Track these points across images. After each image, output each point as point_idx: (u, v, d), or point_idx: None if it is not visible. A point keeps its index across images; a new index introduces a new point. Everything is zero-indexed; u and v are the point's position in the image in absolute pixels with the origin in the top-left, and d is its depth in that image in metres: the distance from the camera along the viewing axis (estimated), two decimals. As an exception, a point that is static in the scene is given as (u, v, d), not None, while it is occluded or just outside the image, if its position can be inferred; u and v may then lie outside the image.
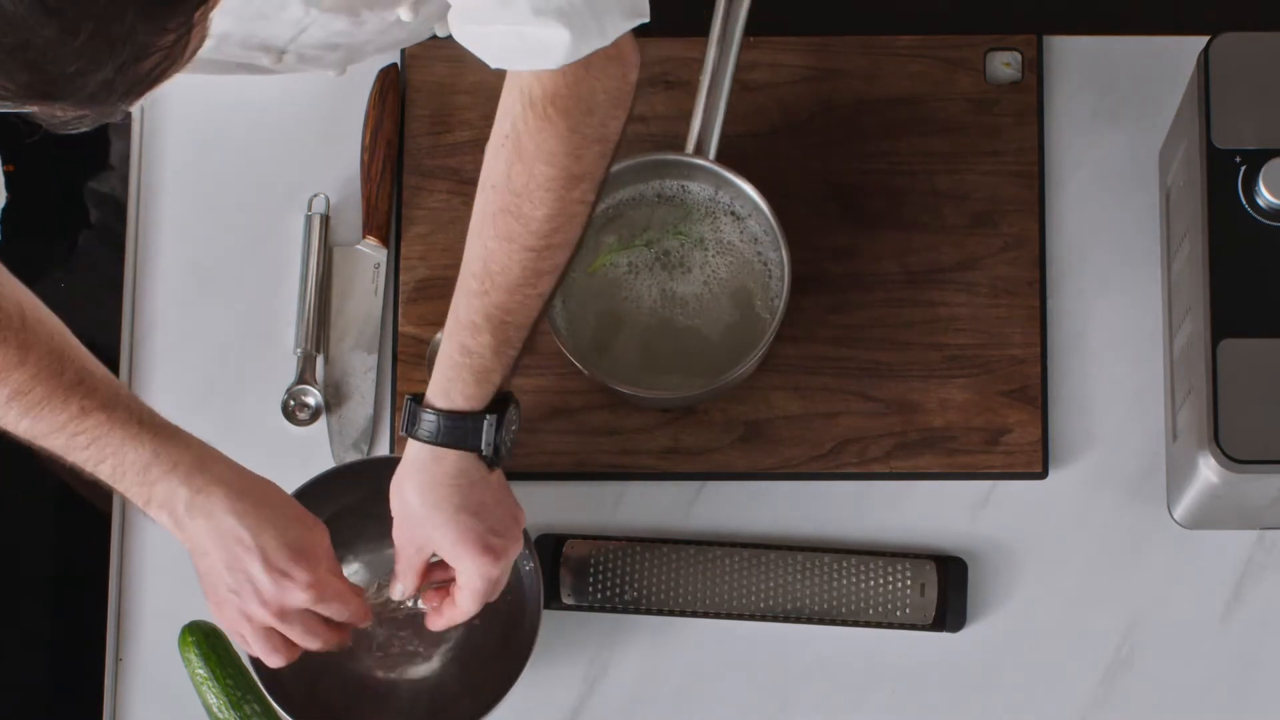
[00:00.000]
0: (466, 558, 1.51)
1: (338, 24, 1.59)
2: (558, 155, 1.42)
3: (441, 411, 1.48)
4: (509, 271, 1.45)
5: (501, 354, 1.48)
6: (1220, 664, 1.68)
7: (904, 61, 1.77)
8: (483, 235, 1.45)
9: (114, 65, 1.03)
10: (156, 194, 1.76)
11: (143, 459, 1.46)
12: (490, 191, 1.44)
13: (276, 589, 1.48)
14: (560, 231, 1.45)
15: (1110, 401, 1.72)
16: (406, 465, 1.51)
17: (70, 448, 1.46)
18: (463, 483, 1.50)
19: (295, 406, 1.72)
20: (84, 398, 1.45)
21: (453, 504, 1.50)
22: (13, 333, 1.43)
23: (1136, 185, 1.75)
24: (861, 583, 1.68)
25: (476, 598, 1.54)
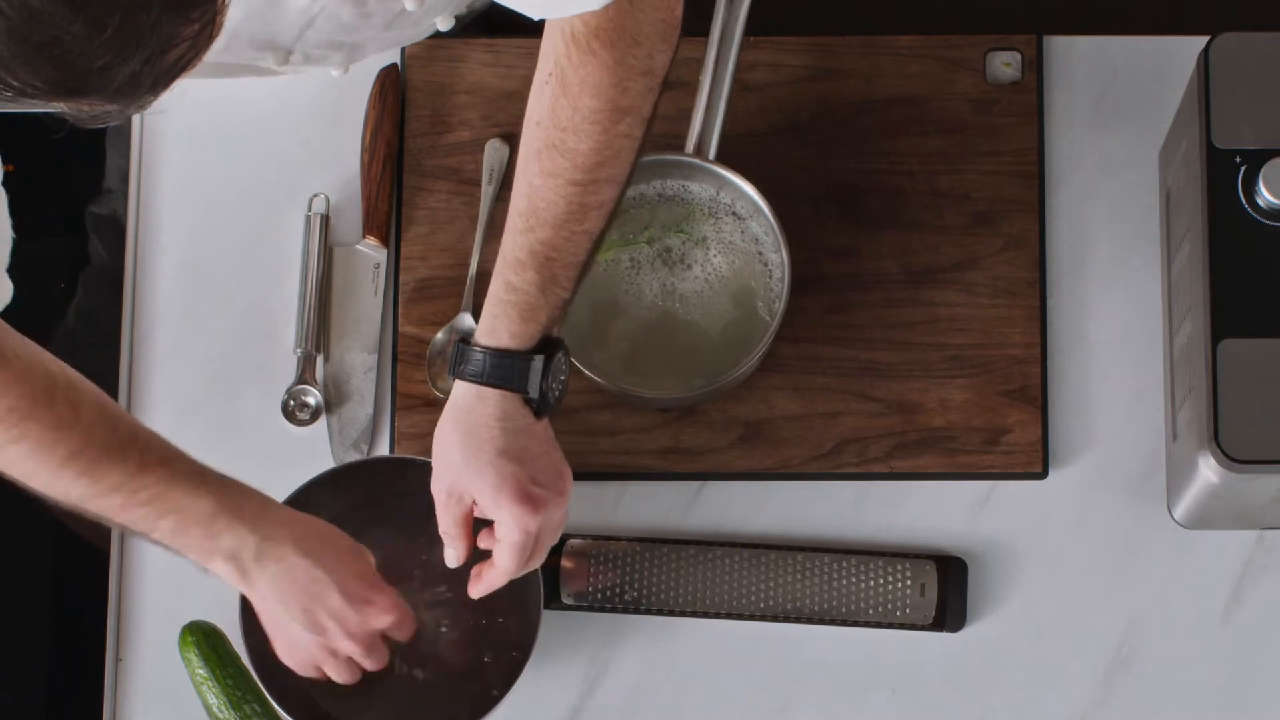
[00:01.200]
0: (506, 506, 1.47)
1: (345, 14, 1.59)
2: (603, 87, 1.40)
3: (488, 349, 1.46)
4: (554, 207, 1.43)
5: (548, 292, 1.45)
6: (1220, 664, 1.68)
7: (904, 61, 1.77)
8: (528, 173, 1.43)
9: (141, 58, 1.03)
10: (156, 194, 1.76)
11: (208, 510, 1.47)
12: (535, 128, 1.43)
13: (361, 618, 1.52)
14: (606, 165, 1.42)
15: (1110, 401, 1.72)
16: (450, 408, 1.48)
17: (128, 505, 1.45)
18: (507, 426, 1.47)
19: (295, 406, 1.72)
20: (141, 454, 1.46)
21: (495, 447, 1.47)
22: (60, 392, 1.42)
23: (1136, 185, 1.75)
24: (861, 583, 1.68)
25: (515, 551, 1.49)
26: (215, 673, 1.62)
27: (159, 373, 1.73)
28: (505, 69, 1.77)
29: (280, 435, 1.72)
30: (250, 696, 1.62)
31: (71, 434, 1.42)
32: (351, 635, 1.52)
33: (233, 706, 1.62)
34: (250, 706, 1.62)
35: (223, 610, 1.63)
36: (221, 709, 1.62)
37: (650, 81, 1.42)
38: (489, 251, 1.74)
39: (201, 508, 1.47)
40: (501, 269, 1.45)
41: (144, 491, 1.45)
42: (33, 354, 1.43)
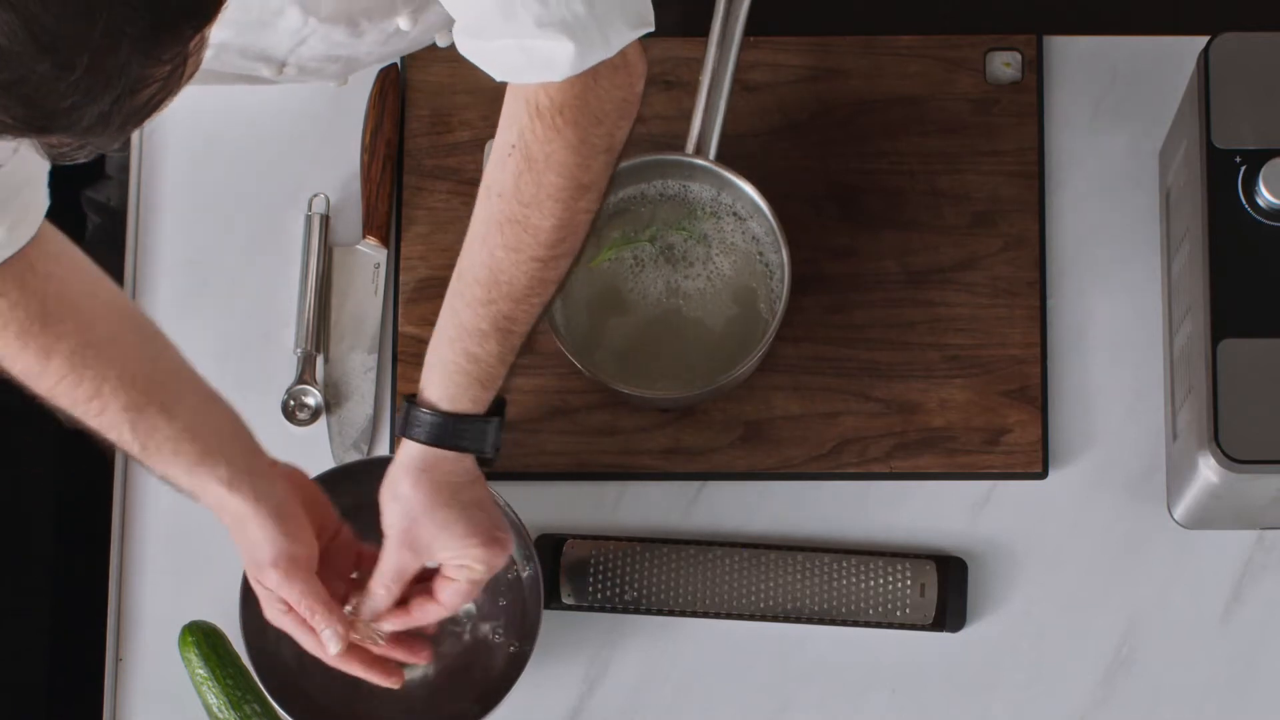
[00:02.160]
0: (477, 549, 1.51)
1: (337, 34, 1.59)
2: (567, 165, 1.41)
3: (448, 414, 1.49)
4: (515, 282, 1.45)
5: (505, 360, 1.49)
6: (1220, 664, 1.68)
7: (904, 61, 1.77)
8: (489, 243, 1.45)
9: (110, 98, 1.03)
10: (156, 194, 1.76)
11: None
12: (496, 200, 1.44)
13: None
14: (566, 241, 1.45)
15: (1110, 401, 1.72)
16: (403, 468, 1.51)
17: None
18: (464, 481, 1.51)
19: (295, 406, 1.72)
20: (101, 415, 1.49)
21: (460, 501, 1.51)
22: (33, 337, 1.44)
23: (1136, 185, 1.75)
24: (861, 583, 1.68)
25: (472, 590, 1.54)
26: (215, 673, 1.62)
27: (159, 373, 1.73)
28: (505, 69, 1.77)
29: (280, 435, 1.72)
30: (250, 696, 1.62)
31: (41, 383, 1.45)
32: None
33: (233, 706, 1.62)
34: (250, 706, 1.62)
35: (223, 610, 1.63)
36: (221, 709, 1.62)
37: (610, 157, 1.44)
38: (489, 251, 1.74)
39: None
40: (459, 337, 1.47)
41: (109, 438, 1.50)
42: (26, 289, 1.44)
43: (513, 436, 1.71)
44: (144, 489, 1.71)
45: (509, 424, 1.70)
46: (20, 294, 1.43)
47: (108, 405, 1.47)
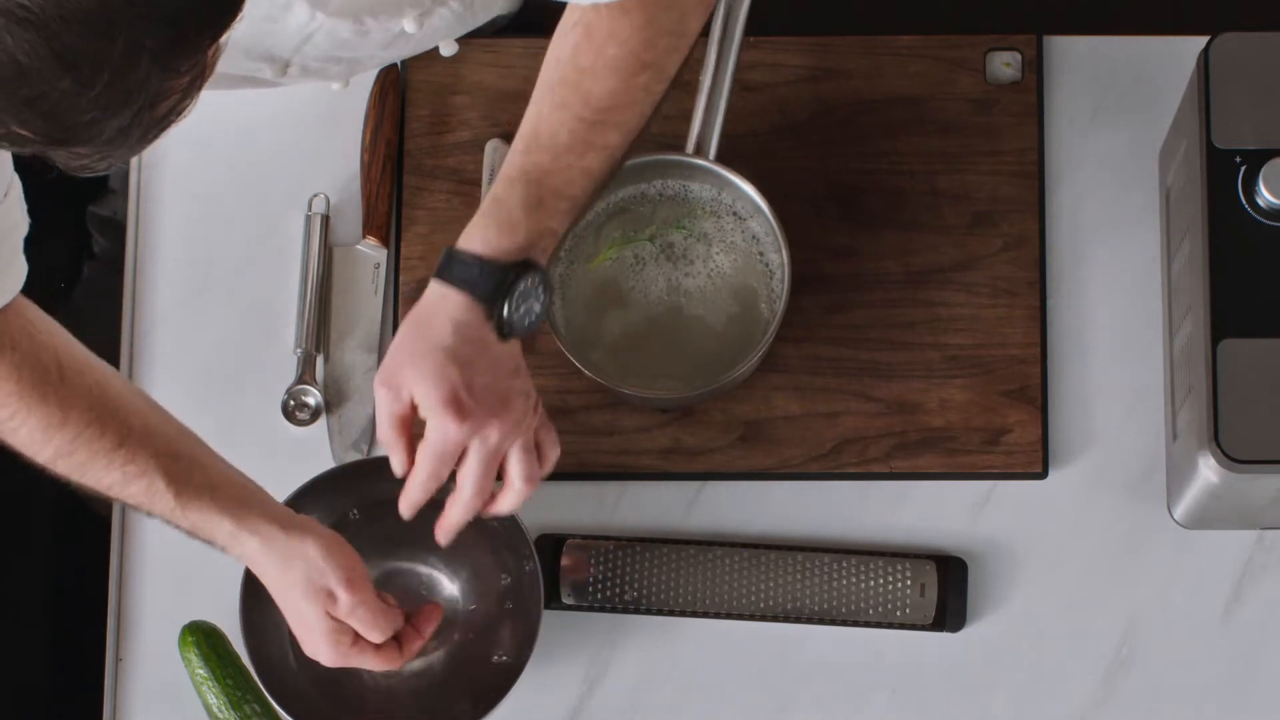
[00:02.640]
0: (435, 408, 1.43)
1: (343, 31, 1.59)
2: (629, 40, 1.38)
3: (459, 250, 1.43)
4: (556, 136, 1.41)
5: (531, 213, 1.43)
6: (1220, 664, 1.68)
7: (904, 61, 1.77)
8: (539, 103, 1.42)
9: (130, 112, 1.03)
10: (156, 194, 1.76)
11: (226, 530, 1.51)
12: (554, 64, 1.41)
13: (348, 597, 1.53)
14: (618, 111, 1.41)
15: (1110, 401, 1.72)
16: (416, 305, 1.46)
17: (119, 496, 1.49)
18: (463, 332, 1.43)
19: (295, 406, 1.72)
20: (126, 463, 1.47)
21: (442, 347, 1.43)
22: (52, 389, 1.43)
23: (1136, 185, 1.75)
24: (861, 583, 1.68)
25: (432, 459, 1.45)
26: (215, 673, 1.62)
27: (159, 373, 1.73)
28: (505, 69, 1.77)
29: (280, 435, 1.72)
30: (250, 696, 1.62)
31: (60, 435, 1.44)
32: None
33: (233, 706, 1.62)
34: (250, 706, 1.62)
35: (223, 610, 1.63)
36: (221, 709, 1.62)
37: (678, 42, 1.41)
38: (489, 251, 1.74)
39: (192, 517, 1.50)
40: (494, 184, 1.44)
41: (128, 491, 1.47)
42: (36, 342, 1.43)
43: (513, 436, 1.71)
44: (144, 489, 1.71)
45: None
46: (31, 346, 1.42)
47: (137, 453, 1.46)
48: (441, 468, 1.45)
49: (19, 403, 1.43)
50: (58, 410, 1.43)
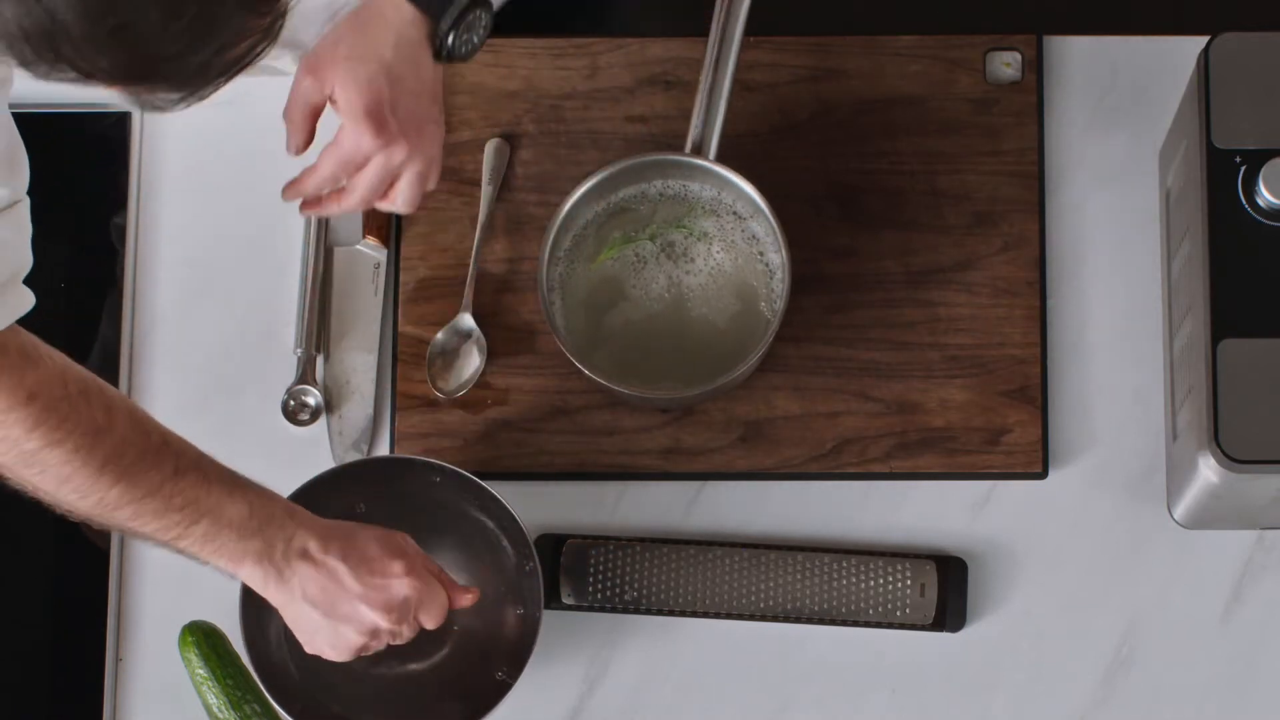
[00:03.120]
0: (356, 115, 1.45)
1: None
2: None
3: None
4: None
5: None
6: (1220, 664, 1.68)
7: (904, 61, 1.77)
8: None
9: (213, 48, 1.03)
10: (156, 194, 1.76)
11: (241, 514, 1.47)
12: None
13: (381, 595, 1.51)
14: None
15: (1110, 401, 1.72)
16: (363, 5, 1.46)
17: (163, 510, 1.45)
18: (402, 49, 1.45)
19: (295, 406, 1.72)
20: (175, 458, 1.45)
21: (380, 57, 1.45)
22: (94, 396, 1.41)
23: (1136, 185, 1.75)
24: (861, 583, 1.68)
25: (334, 161, 1.48)
26: (215, 673, 1.62)
27: (159, 373, 1.73)
28: (505, 69, 1.77)
29: (280, 435, 1.72)
30: (250, 696, 1.62)
31: (109, 438, 1.41)
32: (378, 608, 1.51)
33: (233, 706, 1.62)
34: (250, 706, 1.62)
35: (223, 610, 1.63)
36: (221, 709, 1.62)
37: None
38: (489, 251, 1.74)
39: (235, 512, 1.47)
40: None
41: (179, 496, 1.45)
42: (63, 359, 1.43)
43: (513, 436, 1.71)
44: (144, 489, 1.71)
45: (509, 424, 1.70)
46: (53, 360, 1.41)
47: (182, 452, 1.45)
48: (343, 173, 1.49)
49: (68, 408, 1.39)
50: (103, 414, 1.41)
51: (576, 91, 1.76)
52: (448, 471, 1.64)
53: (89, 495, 1.43)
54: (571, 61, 1.77)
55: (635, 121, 1.76)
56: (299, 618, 1.52)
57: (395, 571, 1.52)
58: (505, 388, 1.72)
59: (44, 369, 1.40)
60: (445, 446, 1.71)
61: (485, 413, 1.72)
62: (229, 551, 1.48)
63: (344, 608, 1.51)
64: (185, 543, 1.47)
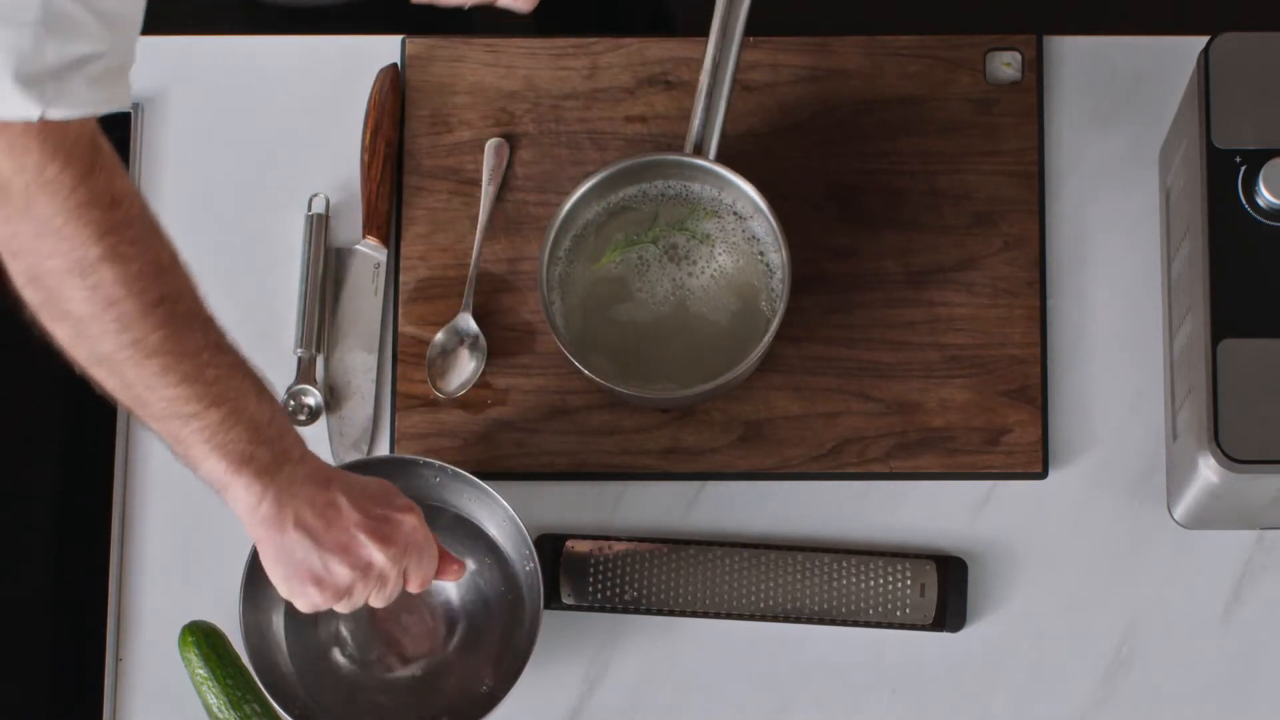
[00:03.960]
0: None
1: None
2: None
3: None
4: None
5: None
6: (1220, 664, 1.68)
7: (904, 61, 1.77)
8: None
9: None
10: (156, 194, 1.76)
11: (262, 416, 1.43)
12: None
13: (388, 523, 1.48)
14: None
15: (1110, 401, 1.72)
16: None
17: (191, 378, 1.39)
18: None
19: (295, 407, 1.72)
20: (219, 335, 1.42)
21: None
22: (166, 237, 1.37)
23: (1136, 185, 1.75)
24: (861, 583, 1.68)
25: None
26: (215, 673, 1.62)
27: (159, 373, 1.73)
28: (505, 69, 1.77)
29: (280, 435, 1.72)
30: (250, 696, 1.62)
31: (171, 278, 1.37)
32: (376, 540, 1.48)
33: (233, 706, 1.62)
34: (250, 706, 1.62)
35: (223, 610, 1.63)
36: (221, 709, 1.62)
37: None
38: (489, 251, 1.74)
39: (258, 412, 1.42)
40: None
41: (213, 369, 1.40)
42: None
43: (513, 436, 1.71)
44: (144, 489, 1.71)
45: (509, 424, 1.70)
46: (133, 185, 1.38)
47: (224, 335, 1.42)
48: None
49: (148, 236, 1.35)
50: (170, 259, 1.37)
51: (576, 91, 1.76)
52: (448, 471, 1.64)
53: (130, 329, 1.36)
54: (571, 61, 1.77)
55: (635, 121, 1.76)
56: (283, 549, 1.46)
57: (400, 506, 1.50)
58: (505, 388, 1.72)
59: (130, 183, 1.35)
60: (445, 446, 1.71)
61: (485, 413, 1.72)
62: (235, 452, 1.42)
63: (340, 536, 1.46)
64: (193, 428, 1.41)
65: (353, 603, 1.50)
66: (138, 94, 1.76)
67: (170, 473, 1.71)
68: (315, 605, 1.49)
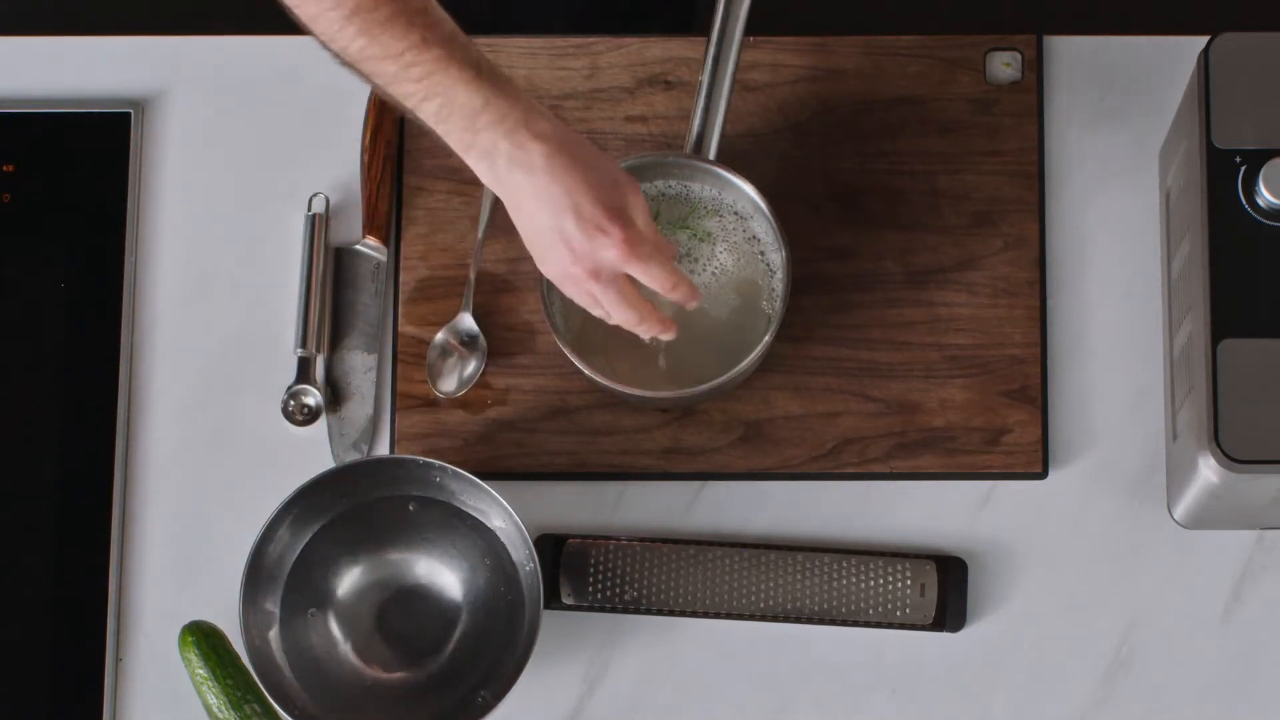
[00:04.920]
0: None
1: None
2: None
3: None
4: None
5: None
6: (1220, 664, 1.68)
7: (904, 61, 1.77)
8: None
9: None
10: (156, 194, 1.76)
11: (473, 106, 1.45)
12: None
13: (590, 245, 1.48)
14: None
15: (1110, 401, 1.72)
16: None
17: (399, 79, 1.43)
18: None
19: (295, 407, 1.72)
20: (426, 29, 1.43)
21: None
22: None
23: (1136, 185, 1.75)
24: (861, 583, 1.68)
25: None
26: (215, 673, 1.62)
27: (159, 373, 1.73)
28: (505, 69, 1.76)
29: (280, 435, 1.72)
30: (250, 696, 1.62)
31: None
32: (579, 260, 1.49)
33: (233, 706, 1.62)
34: (250, 706, 1.62)
35: (223, 610, 1.63)
36: (221, 709, 1.62)
37: None
38: (489, 251, 1.74)
39: (468, 101, 1.44)
40: None
41: (417, 68, 1.43)
42: None
43: (513, 436, 1.71)
44: (144, 489, 1.71)
45: (509, 424, 1.70)
46: None
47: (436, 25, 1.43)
48: None
49: None
50: None
51: (576, 91, 1.76)
52: (448, 471, 1.64)
53: (335, 41, 1.41)
54: (571, 61, 1.77)
55: (635, 121, 1.76)
56: (520, 227, 1.50)
57: (613, 235, 1.49)
58: (505, 388, 1.72)
59: None
60: (445, 446, 1.71)
61: (485, 413, 1.72)
62: (455, 137, 1.46)
63: (551, 239, 1.48)
64: (421, 115, 1.46)
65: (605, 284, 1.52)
66: (138, 94, 1.76)
67: (170, 473, 1.71)
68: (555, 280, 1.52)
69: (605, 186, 1.49)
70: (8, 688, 1.68)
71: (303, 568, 1.66)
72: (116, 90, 1.77)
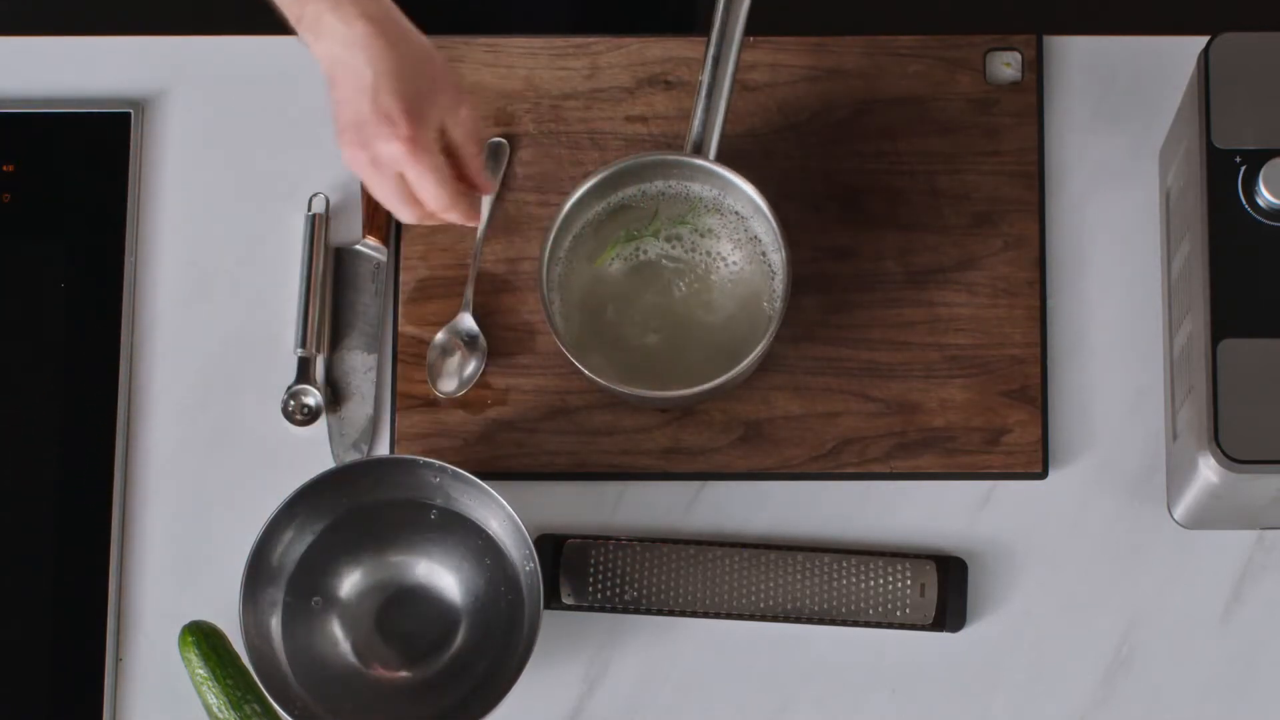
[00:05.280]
0: None
1: None
2: None
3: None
4: None
5: None
6: (1220, 664, 1.68)
7: (904, 61, 1.77)
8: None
9: None
10: (156, 194, 1.76)
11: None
12: None
13: (374, 131, 1.47)
14: None
15: (1110, 401, 1.72)
16: None
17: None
18: None
19: (295, 406, 1.72)
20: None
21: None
22: None
23: (1136, 185, 1.75)
24: (861, 583, 1.68)
25: None
26: (215, 673, 1.62)
27: (159, 373, 1.73)
28: (505, 69, 1.77)
29: (280, 435, 1.72)
30: (250, 696, 1.62)
31: None
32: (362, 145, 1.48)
33: (233, 706, 1.62)
34: (250, 706, 1.62)
35: (223, 610, 1.63)
36: (221, 709, 1.62)
37: None
38: (489, 251, 1.74)
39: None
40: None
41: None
42: None
43: (513, 436, 1.71)
44: (144, 490, 1.71)
45: (509, 424, 1.70)
46: None
47: None
48: None
49: None
50: None
51: (576, 91, 1.77)
52: (448, 471, 1.64)
53: None
54: (571, 61, 1.77)
55: (635, 121, 1.76)
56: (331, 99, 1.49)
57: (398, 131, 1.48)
58: (505, 388, 1.72)
59: None
60: (445, 446, 1.71)
61: (485, 413, 1.72)
62: (286, 7, 1.47)
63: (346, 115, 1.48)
64: None
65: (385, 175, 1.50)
66: (138, 94, 1.76)
67: (170, 473, 1.71)
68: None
69: (415, 80, 1.47)
70: (8, 688, 1.68)
71: (303, 568, 1.66)
72: (116, 90, 1.77)
